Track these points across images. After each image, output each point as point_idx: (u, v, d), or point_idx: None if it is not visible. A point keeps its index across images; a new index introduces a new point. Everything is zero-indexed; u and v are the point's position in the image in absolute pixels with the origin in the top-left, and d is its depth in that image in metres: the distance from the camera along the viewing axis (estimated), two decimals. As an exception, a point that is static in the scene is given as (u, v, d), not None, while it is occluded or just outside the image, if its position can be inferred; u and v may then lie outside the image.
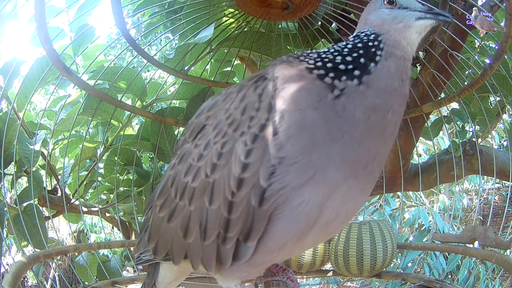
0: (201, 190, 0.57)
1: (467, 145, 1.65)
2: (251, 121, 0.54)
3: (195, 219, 0.58)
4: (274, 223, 0.53)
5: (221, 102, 0.61)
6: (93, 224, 4.65)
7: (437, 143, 3.62)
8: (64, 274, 3.11)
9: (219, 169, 0.55)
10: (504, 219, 3.37)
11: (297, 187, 0.51)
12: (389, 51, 0.58)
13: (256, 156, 0.52)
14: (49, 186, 1.59)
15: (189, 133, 0.65)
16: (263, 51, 1.50)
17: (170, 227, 0.62)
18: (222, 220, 0.55)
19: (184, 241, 0.60)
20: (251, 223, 0.54)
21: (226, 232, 0.55)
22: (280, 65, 0.58)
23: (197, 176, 0.58)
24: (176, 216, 0.61)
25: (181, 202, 0.60)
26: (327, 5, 1.30)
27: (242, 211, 0.53)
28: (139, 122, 2.57)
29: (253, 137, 0.53)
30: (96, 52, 1.61)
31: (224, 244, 0.56)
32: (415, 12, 0.62)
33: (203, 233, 0.57)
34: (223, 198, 0.55)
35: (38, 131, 1.37)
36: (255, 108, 0.55)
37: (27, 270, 0.94)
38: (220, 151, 0.55)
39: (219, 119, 0.59)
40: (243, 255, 0.56)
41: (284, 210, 0.52)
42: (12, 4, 1.07)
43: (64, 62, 1.11)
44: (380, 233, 1.23)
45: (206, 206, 0.57)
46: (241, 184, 0.53)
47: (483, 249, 1.10)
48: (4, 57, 2.35)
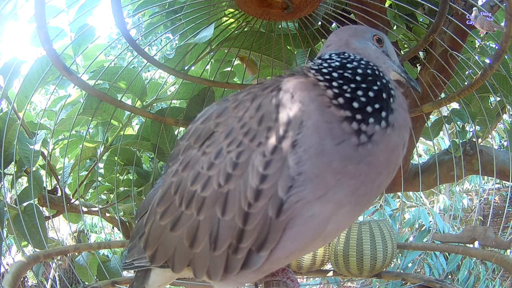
0: (212, 200, 0.56)
1: (467, 145, 1.65)
2: (268, 132, 0.53)
3: (205, 229, 0.57)
4: (285, 232, 0.54)
5: (233, 110, 0.59)
6: (93, 224, 4.65)
7: (437, 143, 3.62)
8: (64, 274, 3.11)
9: (234, 180, 0.54)
10: (504, 219, 3.37)
11: (311, 201, 0.52)
12: (394, 84, 0.59)
13: (275, 168, 0.52)
14: (49, 186, 1.59)
15: (194, 138, 0.62)
16: (263, 51, 1.50)
17: (173, 236, 0.61)
18: (235, 230, 0.54)
19: (189, 250, 0.58)
20: (267, 234, 0.53)
21: (239, 243, 0.55)
22: (297, 79, 0.58)
23: (207, 186, 0.57)
24: (181, 225, 0.59)
25: (188, 211, 0.58)
26: (327, 5, 1.30)
27: (258, 222, 0.53)
28: (139, 122, 2.57)
29: (272, 148, 0.52)
30: (96, 52, 1.61)
31: (235, 254, 0.55)
32: (394, 65, 0.65)
33: (213, 244, 0.56)
34: (238, 209, 0.54)
35: (38, 131, 1.37)
36: (273, 118, 0.54)
37: (27, 270, 0.94)
38: (236, 161, 0.54)
39: (232, 127, 0.57)
40: (253, 264, 0.56)
41: (297, 221, 0.53)
42: (12, 4, 1.07)
43: (64, 62, 1.11)
44: (380, 233, 1.23)
45: (217, 217, 0.55)
46: (259, 195, 0.52)
47: (483, 249, 1.10)
48: (4, 57, 2.35)
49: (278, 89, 0.57)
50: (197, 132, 0.62)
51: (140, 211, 0.73)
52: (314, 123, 0.53)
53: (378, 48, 0.65)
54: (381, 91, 0.56)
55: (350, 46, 0.64)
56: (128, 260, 0.72)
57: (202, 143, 0.60)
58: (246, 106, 0.58)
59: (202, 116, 0.64)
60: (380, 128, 0.54)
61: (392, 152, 0.56)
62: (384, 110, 0.55)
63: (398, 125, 0.56)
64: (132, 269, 0.74)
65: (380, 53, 0.65)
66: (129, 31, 1.19)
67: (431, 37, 1.17)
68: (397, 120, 0.56)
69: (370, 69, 0.58)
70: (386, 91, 0.57)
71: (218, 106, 0.63)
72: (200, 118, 0.64)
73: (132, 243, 0.72)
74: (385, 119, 0.55)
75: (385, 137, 0.54)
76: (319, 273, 1.41)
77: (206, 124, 0.61)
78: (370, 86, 0.56)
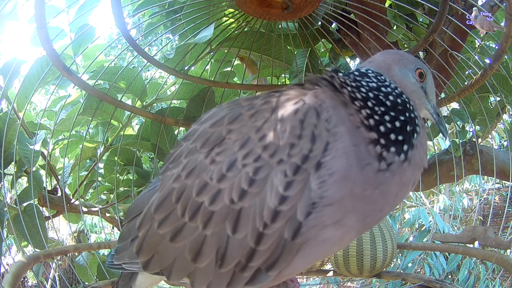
0: (222, 215, 0.52)
1: (467, 145, 1.65)
2: (291, 149, 0.50)
3: (211, 245, 0.53)
4: (298, 253, 0.53)
5: (249, 118, 0.55)
6: (93, 224, 4.65)
7: (437, 143, 3.62)
8: (64, 274, 3.11)
9: (250, 197, 0.51)
10: (504, 219, 3.37)
11: (328, 226, 0.51)
12: (421, 122, 0.58)
13: (296, 190, 0.49)
14: (49, 186, 1.59)
15: (201, 142, 0.57)
16: (263, 51, 1.50)
17: (173, 247, 0.57)
18: (246, 250, 0.51)
19: (191, 264, 0.55)
20: (279, 255, 0.52)
21: (249, 262, 0.52)
22: (325, 93, 0.56)
23: (217, 200, 0.53)
24: (184, 238, 0.55)
25: (192, 223, 0.54)
26: (327, 5, 1.30)
27: (272, 243, 0.51)
28: (139, 122, 2.57)
29: (295, 168, 0.49)
30: (96, 52, 1.61)
31: (242, 272, 0.53)
32: (429, 104, 0.63)
33: (220, 261, 0.53)
34: (251, 228, 0.51)
35: (38, 131, 1.37)
36: (296, 135, 0.50)
37: (27, 270, 0.94)
38: (253, 177, 0.51)
39: (248, 137, 0.53)
40: (259, 282, 0.54)
41: (311, 243, 0.52)
42: (12, 4, 1.07)
43: (64, 62, 1.11)
44: (380, 233, 1.23)
45: (227, 234, 0.52)
46: (277, 217, 0.50)
47: (483, 249, 1.10)
48: (4, 57, 2.35)
49: (302, 102, 0.54)
50: (205, 136, 0.57)
51: (132, 212, 0.67)
52: (343, 146, 0.51)
53: (417, 82, 0.62)
54: (406, 123, 0.55)
55: (390, 71, 0.61)
56: (117, 262, 0.67)
57: (211, 149, 0.55)
58: (265, 116, 0.54)
59: (211, 119, 0.59)
60: (398, 159, 0.54)
61: (403, 187, 0.56)
62: (406, 143, 0.54)
63: (415, 162, 0.56)
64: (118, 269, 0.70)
65: (418, 87, 0.62)
66: (129, 31, 1.19)
67: (431, 37, 1.17)
68: (415, 157, 0.55)
69: (401, 99, 0.57)
70: (412, 125, 0.56)
71: (230, 110, 0.58)
72: (208, 121, 0.59)
73: (122, 244, 0.67)
74: (405, 152, 0.54)
75: (401, 170, 0.54)
76: (319, 273, 1.41)
77: (217, 129, 0.57)
78: (397, 115, 0.55)
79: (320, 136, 0.50)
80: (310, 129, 0.51)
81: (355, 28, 1.47)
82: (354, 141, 0.52)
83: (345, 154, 0.51)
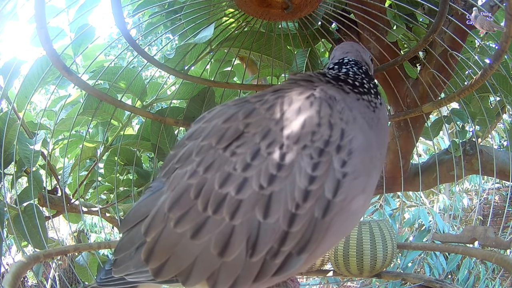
0: (251, 202, 0.53)
1: (467, 145, 1.65)
2: (313, 136, 0.55)
3: (241, 235, 0.53)
4: (328, 230, 0.54)
5: (265, 111, 0.58)
6: (93, 224, 4.65)
7: (437, 143, 3.62)
8: (64, 274, 3.11)
9: (279, 181, 0.53)
10: (504, 219, 3.37)
11: (355, 197, 0.55)
12: None
13: (322, 170, 0.53)
14: (49, 186, 1.59)
15: (216, 138, 0.58)
16: (263, 51, 1.50)
17: (195, 245, 0.55)
18: (278, 233, 0.53)
19: (217, 259, 0.54)
20: (311, 235, 0.53)
21: (281, 246, 0.53)
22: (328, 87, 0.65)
23: (244, 188, 0.54)
24: (208, 232, 0.54)
25: (217, 216, 0.54)
26: (327, 5, 1.30)
27: (304, 224, 0.53)
28: (139, 122, 2.57)
29: (319, 151, 0.54)
30: (96, 52, 1.61)
31: (274, 259, 0.53)
32: None
33: (251, 249, 0.53)
34: (283, 211, 0.52)
35: (38, 131, 1.37)
36: (316, 123, 0.56)
37: (27, 270, 0.94)
38: (280, 163, 0.53)
39: (269, 128, 0.56)
40: (290, 268, 0.54)
41: (342, 216, 0.55)
42: (12, 4, 1.07)
43: (64, 62, 1.10)
44: (380, 233, 1.23)
45: (258, 220, 0.53)
46: (308, 196, 0.52)
47: (483, 249, 1.10)
48: (4, 57, 2.35)
49: (314, 96, 0.60)
50: (220, 132, 0.58)
51: (131, 219, 0.63)
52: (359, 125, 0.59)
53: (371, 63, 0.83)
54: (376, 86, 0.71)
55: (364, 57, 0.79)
56: (117, 275, 0.63)
57: (229, 144, 0.57)
58: (282, 109, 0.58)
59: (220, 116, 0.60)
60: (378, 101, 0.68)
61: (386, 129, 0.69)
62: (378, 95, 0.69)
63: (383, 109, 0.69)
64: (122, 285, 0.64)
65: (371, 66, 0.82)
66: (129, 31, 1.19)
67: (431, 37, 1.17)
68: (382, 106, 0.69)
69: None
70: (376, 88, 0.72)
71: (240, 107, 0.61)
72: (217, 118, 0.61)
73: (122, 255, 0.63)
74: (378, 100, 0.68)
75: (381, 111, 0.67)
76: (319, 273, 1.41)
77: (232, 124, 0.58)
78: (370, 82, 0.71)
79: (336, 124, 0.56)
80: (326, 119, 0.56)
81: (355, 28, 1.47)
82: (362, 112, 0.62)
83: (361, 130, 0.59)
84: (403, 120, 1.58)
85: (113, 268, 0.63)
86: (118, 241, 0.65)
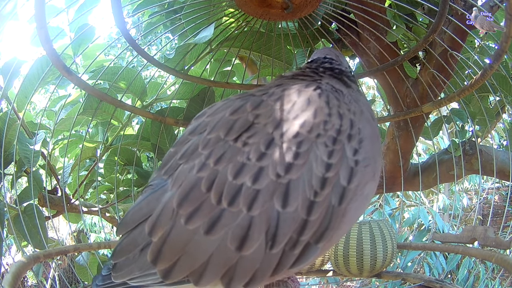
0: (269, 192, 0.51)
1: (467, 145, 1.65)
2: (325, 125, 0.56)
3: (260, 226, 0.51)
4: (343, 218, 0.55)
5: (274, 102, 0.58)
6: (93, 224, 4.65)
7: (436, 143, 3.63)
8: (64, 274, 3.11)
9: (297, 169, 0.52)
10: (504, 219, 3.38)
11: (366, 183, 0.57)
12: None
13: (337, 158, 0.54)
14: (49, 186, 1.59)
15: (224, 130, 0.57)
16: (263, 51, 1.50)
17: (209, 240, 0.52)
18: (298, 222, 0.52)
19: (234, 254, 0.51)
20: (328, 222, 0.53)
21: (300, 236, 0.52)
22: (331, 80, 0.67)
23: (261, 177, 0.52)
24: (223, 226, 0.52)
25: (233, 208, 0.52)
26: (327, 5, 1.30)
27: (322, 211, 0.53)
28: (139, 122, 2.57)
29: (333, 139, 0.55)
30: (96, 52, 1.61)
31: (293, 250, 0.52)
32: None
33: (271, 241, 0.51)
34: (302, 199, 0.52)
35: (38, 131, 1.37)
36: (326, 113, 0.57)
37: (27, 270, 0.94)
38: (296, 151, 0.53)
39: (281, 118, 0.56)
40: (308, 258, 0.54)
41: (354, 205, 0.55)
42: (12, 4, 1.07)
43: (64, 62, 1.10)
44: (380, 233, 1.23)
45: (277, 210, 0.51)
46: (325, 184, 0.53)
47: (483, 249, 1.10)
48: (4, 57, 2.35)
49: (321, 89, 0.61)
50: (228, 124, 0.57)
51: (131, 220, 0.59)
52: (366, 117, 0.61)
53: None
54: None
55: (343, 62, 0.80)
56: (118, 281, 0.58)
57: (239, 135, 0.55)
58: (292, 100, 0.58)
59: (225, 109, 0.59)
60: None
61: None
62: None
63: None
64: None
65: None
66: (129, 30, 1.18)
67: (431, 37, 1.17)
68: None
69: None
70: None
71: (246, 99, 0.60)
72: (223, 111, 0.59)
73: (124, 258, 0.58)
74: None
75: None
76: (319, 273, 1.41)
77: (241, 116, 0.57)
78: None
79: (345, 114, 0.58)
80: (336, 109, 0.58)
81: (355, 28, 1.47)
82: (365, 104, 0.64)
83: (368, 121, 0.61)
84: (403, 120, 1.59)
85: (113, 273, 0.59)
86: (117, 245, 0.61)
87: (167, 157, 0.63)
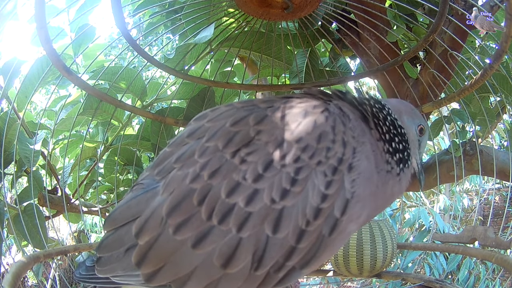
0: (261, 216, 0.52)
1: (467, 145, 1.64)
2: (328, 152, 0.54)
3: (247, 248, 0.51)
4: (329, 247, 0.55)
5: (278, 120, 0.56)
6: (93, 224, 4.65)
7: (437, 143, 3.62)
8: (64, 274, 3.10)
9: (292, 196, 0.52)
10: (504, 219, 3.37)
11: (353, 220, 0.56)
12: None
13: (334, 189, 0.53)
14: (49, 186, 1.59)
15: (223, 142, 0.55)
16: (263, 51, 1.50)
17: (196, 254, 0.52)
18: (285, 249, 0.52)
19: (219, 271, 0.52)
20: (316, 251, 0.53)
21: (286, 261, 0.52)
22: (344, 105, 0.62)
23: (255, 200, 0.52)
24: (211, 242, 0.52)
25: (222, 226, 0.52)
26: (327, 5, 1.30)
27: (311, 240, 0.53)
28: (139, 122, 2.57)
29: (333, 169, 0.53)
30: (96, 52, 1.61)
31: (277, 273, 0.53)
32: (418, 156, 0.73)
33: (257, 263, 0.52)
34: (293, 227, 0.52)
35: (38, 131, 1.37)
36: (331, 139, 0.55)
37: (27, 270, 0.94)
38: (294, 177, 0.52)
39: (283, 138, 0.54)
40: (289, 280, 0.54)
41: (340, 237, 0.55)
42: (12, 4, 1.07)
43: (64, 62, 1.10)
44: (380, 233, 1.23)
45: (266, 234, 0.51)
46: (318, 214, 0.52)
47: (483, 249, 1.10)
48: (4, 57, 2.35)
49: (329, 111, 0.58)
50: (228, 135, 0.56)
51: (120, 217, 0.59)
52: (366, 152, 0.58)
53: (417, 135, 0.71)
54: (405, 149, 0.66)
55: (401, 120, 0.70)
56: (102, 275, 0.59)
57: (238, 150, 0.54)
58: (297, 120, 0.56)
59: (227, 118, 0.58)
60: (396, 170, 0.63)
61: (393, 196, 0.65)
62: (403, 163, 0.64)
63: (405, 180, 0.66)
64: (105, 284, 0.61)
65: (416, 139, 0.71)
66: (130, 31, 1.19)
67: (431, 37, 1.17)
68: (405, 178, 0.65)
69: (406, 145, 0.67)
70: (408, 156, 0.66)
71: (250, 111, 0.58)
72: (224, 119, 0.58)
73: (109, 254, 0.59)
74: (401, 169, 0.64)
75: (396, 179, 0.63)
76: (319, 273, 1.41)
77: (242, 129, 0.56)
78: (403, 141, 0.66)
79: (349, 142, 0.56)
80: (340, 135, 0.56)
81: (355, 28, 1.47)
82: (373, 148, 0.60)
83: (367, 158, 0.58)
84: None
85: (97, 267, 0.60)
86: (103, 239, 0.61)
87: (161, 157, 0.62)
